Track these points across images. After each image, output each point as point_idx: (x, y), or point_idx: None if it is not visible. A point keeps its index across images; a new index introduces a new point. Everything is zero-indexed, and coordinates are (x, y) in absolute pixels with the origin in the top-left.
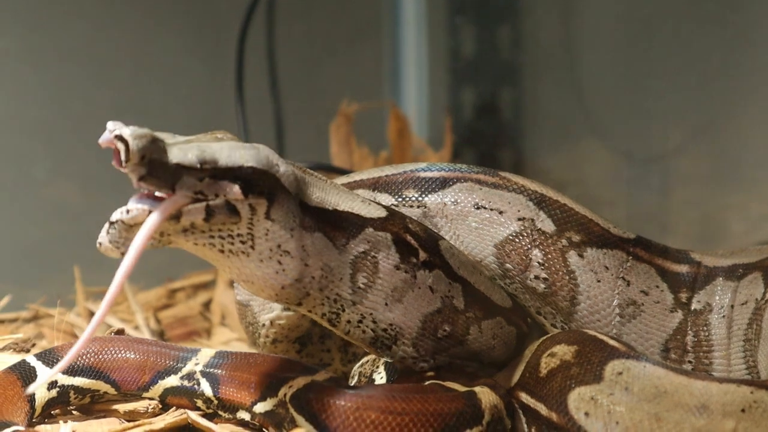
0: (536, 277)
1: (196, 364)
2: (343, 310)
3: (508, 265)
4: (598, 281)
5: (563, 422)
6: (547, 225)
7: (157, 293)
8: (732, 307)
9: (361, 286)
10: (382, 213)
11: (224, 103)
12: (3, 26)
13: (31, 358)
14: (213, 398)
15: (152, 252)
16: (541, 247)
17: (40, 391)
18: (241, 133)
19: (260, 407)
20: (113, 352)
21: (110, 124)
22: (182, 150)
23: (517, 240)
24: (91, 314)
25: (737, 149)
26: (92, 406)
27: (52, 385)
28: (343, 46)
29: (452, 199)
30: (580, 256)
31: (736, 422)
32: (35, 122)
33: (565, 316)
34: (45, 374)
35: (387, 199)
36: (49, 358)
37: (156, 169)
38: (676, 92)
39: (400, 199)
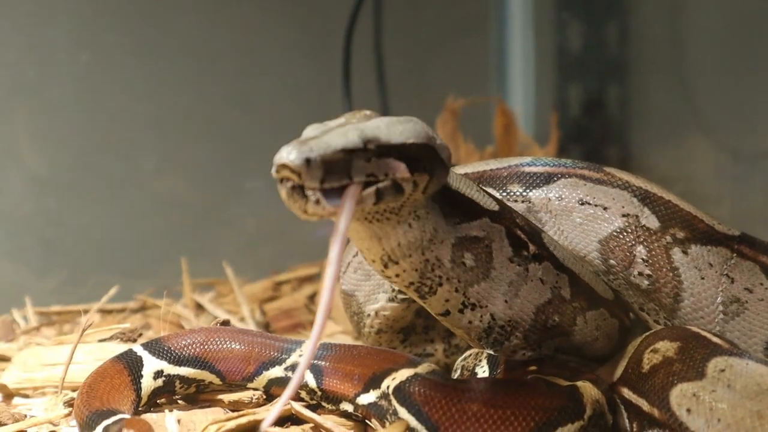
0: (640, 274)
1: (300, 356)
2: (441, 285)
3: (612, 261)
4: (702, 278)
5: (665, 418)
6: (652, 221)
7: (262, 285)
8: None
9: (466, 263)
10: (496, 207)
11: (331, 97)
12: (113, 22)
13: (137, 348)
14: (317, 389)
15: (258, 245)
16: (645, 243)
17: (146, 380)
18: None
19: (363, 399)
20: (219, 342)
21: (277, 159)
22: (341, 134)
23: (621, 236)
24: (198, 305)
25: None
26: (197, 395)
27: (158, 374)
28: (450, 41)
29: (557, 195)
30: (685, 252)
31: None
32: (144, 116)
33: (669, 313)
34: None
35: (492, 194)
36: (155, 347)
37: (329, 167)
38: None
39: (504, 194)
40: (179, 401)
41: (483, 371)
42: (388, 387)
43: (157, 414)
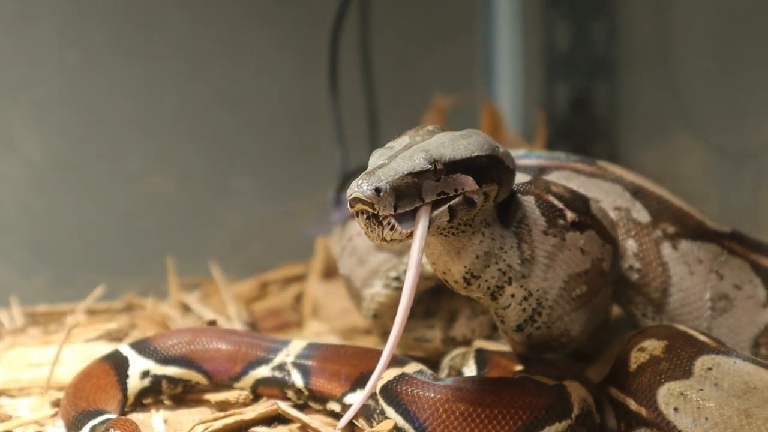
0: (630, 267)
1: (287, 355)
2: (510, 284)
3: None
4: (691, 274)
5: (652, 417)
6: (643, 215)
7: (249, 285)
8: None
9: (528, 257)
10: (525, 178)
11: (318, 96)
12: (99, 21)
13: (124, 347)
14: (304, 389)
15: (245, 244)
16: (636, 237)
17: (132, 380)
18: (334, 127)
19: (351, 398)
20: (205, 342)
21: (349, 193)
22: (407, 158)
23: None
24: (184, 305)
25: None
26: (184, 395)
27: (145, 374)
28: (437, 39)
29: None
30: (674, 248)
31: None
32: (131, 115)
33: (657, 308)
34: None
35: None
36: (142, 347)
37: (400, 193)
38: None
39: None
40: (166, 401)
41: (470, 371)
42: (376, 387)
43: (143, 414)
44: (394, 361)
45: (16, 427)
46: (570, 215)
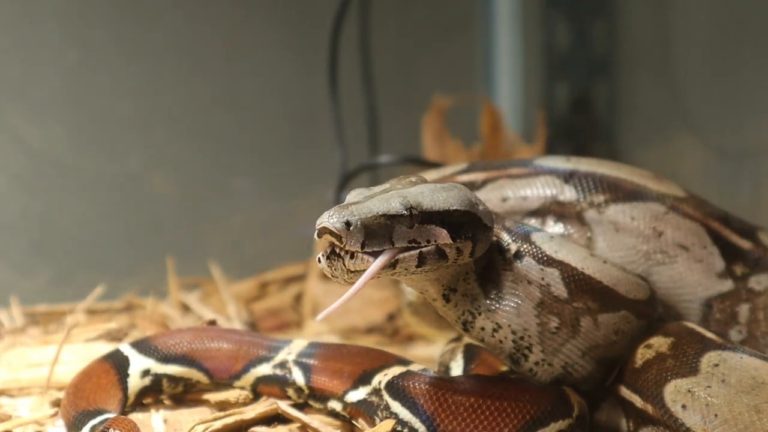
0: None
1: (289, 354)
2: (480, 314)
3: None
4: (617, 230)
5: (659, 414)
6: (569, 195)
7: (249, 285)
8: None
9: (494, 296)
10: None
11: (317, 96)
12: (98, 20)
13: (125, 347)
14: (304, 387)
15: (244, 244)
16: (556, 212)
17: (133, 379)
18: (334, 127)
19: (352, 396)
20: (206, 340)
21: (318, 222)
22: (384, 200)
23: (537, 214)
24: (183, 305)
25: None
26: (184, 395)
27: (146, 373)
28: (437, 39)
29: (483, 199)
30: (599, 212)
31: None
32: (131, 115)
33: None
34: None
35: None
36: (143, 346)
37: (370, 231)
38: None
39: None
40: (166, 401)
41: (458, 366)
42: (379, 383)
43: (143, 414)
44: (398, 360)
45: (16, 426)
46: (513, 246)
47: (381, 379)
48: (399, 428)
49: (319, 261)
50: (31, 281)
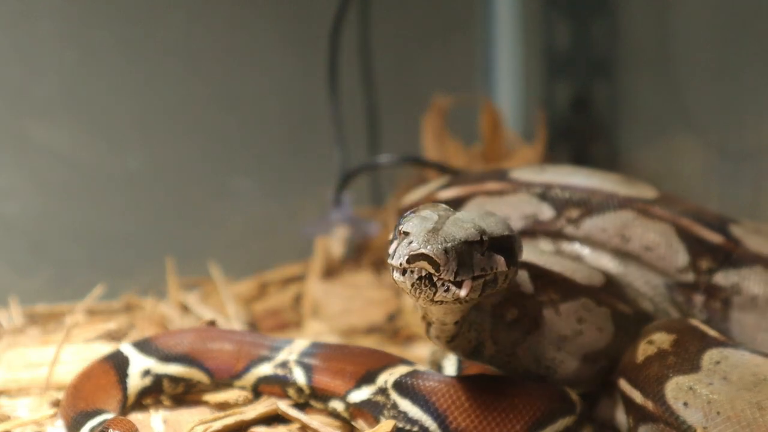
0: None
1: (290, 354)
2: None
3: None
4: (592, 244)
5: (660, 411)
6: (547, 213)
7: (248, 285)
8: None
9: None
10: None
11: (317, 95)
12: (99, 19)
13: (126, 346)
14: (306, 387)
15: (244, 244)
16: (543, 233)
17: (133, 379)
18: (333, 127)
19: (355, 396)
20: (208, 341)
21: (414, 249)
22: (458, 227)
23: (524, 235)
24: (183, 305)
25: None
26: (184, 396)
27: (146, 373)
28: (437, 38)
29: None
30: (576, 227)
31: None
32: (131, 114)
33: None
34: None
35: None
36: (144, 346)
37: (462, 260)
38: None
39: None
40: (165, 402)
41: (450, 364)
42: (385, 382)
43: (142, 414)
44: (401, 361)
45: (15, 427)
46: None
47: (387, 378)
48: (408, 427)
49: (400, 277)
50: (30, 281)
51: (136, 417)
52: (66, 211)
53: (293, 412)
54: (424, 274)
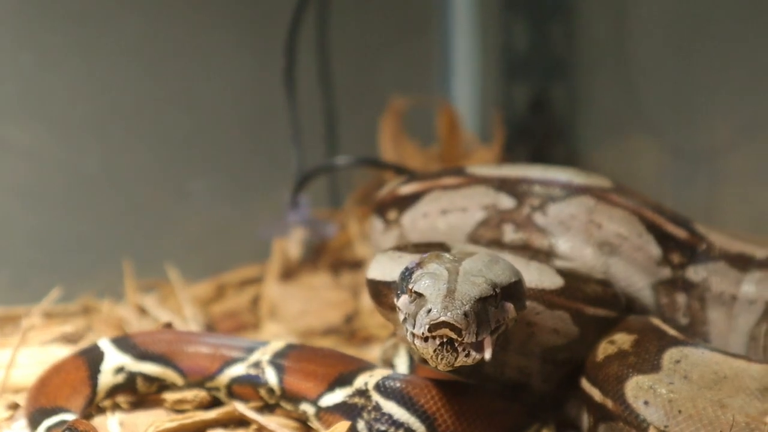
0: (512, 241)
1: (264, 354)
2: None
3: (482, 244)
4: (568, 229)
5: (620, 411)
6: (508, 203)
7: (206, 287)
8: (734, 298)
9: None
10: None
11: (275, 97)
12: (55, 21)
13: (103, 342)
14: (277, 388)
15: (201, 246)
16: (508, 220)
17: (104, 375)
18: (290, 128)
19: (328, 399)
20: (186, 341)
21: (434, 318)
22: (471, 284)
23: (485, 225)
24: (140, 308)
25: None
26: (146, 397)
27: (119, 370)
28: (394, 40)
29: (422, 212)
30: (545, 214)
31: None
32: (87, 116)
33: (552, 259)
34: None
35: None
36: (122, 343)
37: (479, 319)
38: (728, 88)
39: (385, 222)
40: (123, 404)
41: (402, 362)
42: (365, 384)
43: (99, 417)
44: (376, 367)
45: None
46: None
47: (367, 380)
48: (393, 429)
49: (423, 344)
50: None
51: (93, 420)
52: (22, 213)
53: (251, 414)
54: (445, 340)
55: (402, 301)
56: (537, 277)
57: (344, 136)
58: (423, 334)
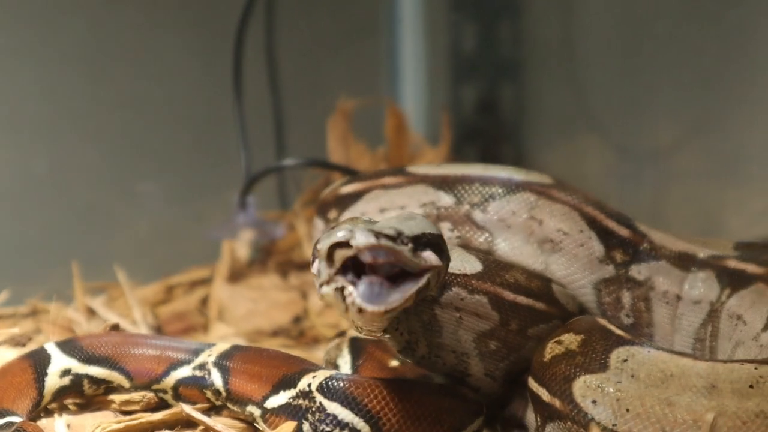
0: (449, 239)
1: (209, 356)
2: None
3: None
4: (509, 226)
5: (567, 410)
6: (447, 200)
7: (154, 289)
8: (678, 297)
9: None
10: None
11: (222, 98)
12: (2, 23)
13: (49, 345)
14: (222, 390)
15: (150, 248)
16: (446, 217)
17: (51, 378)
18: (238, 130)
19: (273, 401)
20: (132, 344)
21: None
22: (401, 224)
23: None
24: (89, 310)
25: (733, 145)
26: (93, 399)
27: (66, 372)
28: (342, 42)
29: (361, 211)
30: (484, 212)
31: (747, 398)
32: (34, 119)
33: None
34: None
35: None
36: (68, 346)
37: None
38: (672, 88)
39: (325, 220)
40: (71, 406)
41: (345, 362)
42: (309, 385)
43: (47, 419)
44: (321, 368)
45: None
46: None
47: (310, 381)
48: (338, 430)
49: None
50: None
51: (40, 422)
52: None
53: (198, 415)
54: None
55: (314, 267)
56: (459, 263)
57: (292, 137)
58: (327, 264)
